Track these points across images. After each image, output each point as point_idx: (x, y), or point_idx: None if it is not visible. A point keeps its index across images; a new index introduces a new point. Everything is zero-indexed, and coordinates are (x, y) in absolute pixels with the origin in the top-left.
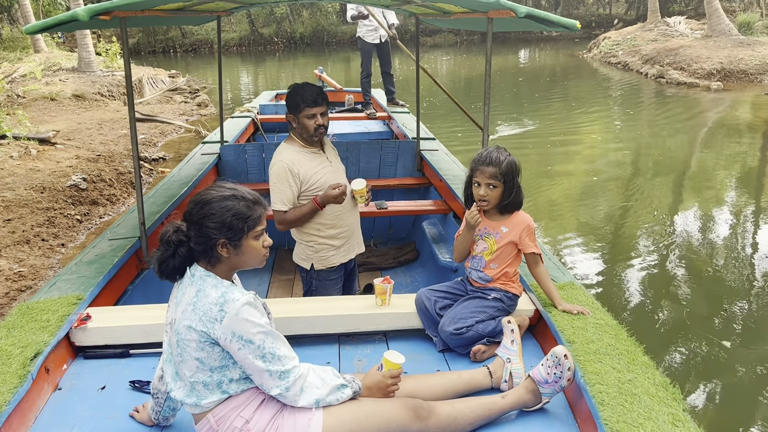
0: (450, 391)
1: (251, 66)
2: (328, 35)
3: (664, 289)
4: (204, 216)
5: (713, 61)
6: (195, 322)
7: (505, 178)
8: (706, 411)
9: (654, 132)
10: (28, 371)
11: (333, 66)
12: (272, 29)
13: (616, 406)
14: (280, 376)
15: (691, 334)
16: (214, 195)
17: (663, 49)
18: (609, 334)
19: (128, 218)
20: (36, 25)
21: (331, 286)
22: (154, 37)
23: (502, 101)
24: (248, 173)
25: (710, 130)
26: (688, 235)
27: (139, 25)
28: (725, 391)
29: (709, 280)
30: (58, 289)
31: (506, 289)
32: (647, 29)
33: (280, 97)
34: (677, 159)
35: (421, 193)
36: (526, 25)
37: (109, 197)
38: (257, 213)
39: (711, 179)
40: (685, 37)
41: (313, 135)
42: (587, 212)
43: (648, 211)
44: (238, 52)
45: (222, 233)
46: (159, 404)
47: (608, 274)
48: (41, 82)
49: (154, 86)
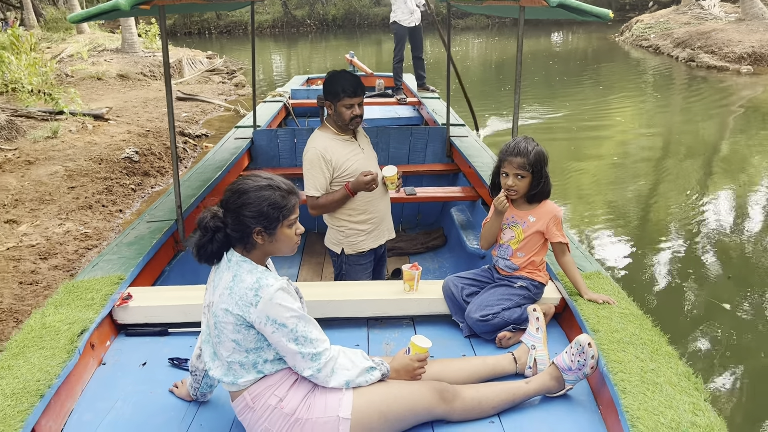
0: (475, 376)
1: (284, 48)
2: (360, 17)
3: (693, 277)
4: (241, 205)
5: (744, 45)
6: (231, 306)
7: (533, 168)
8: (729, 401)
9: (685, 116)
10: (75, 347)
11: (364, 49)
12: (305, 11)
13: (637, 394)
14: (312, 358)
15: (719, 323)
16: (250, 185)
17: (695, 33)
18: (634, 324)
19: (165, 201)
20: (80, 14)
21: (361, 270)
22: (190, 19)
23: (531, 84)
24: (280, 158)
25: (741, 113)
26: (719, 222)
27: (177, 12)
28: (749, 382)
29: (740, 268)
30: (101, 269)
31: (532, 277)
32: (681, 12)
33: (311, 81)
34: (708, 143)
35: (450, 179)
36: (557, 13)
37: (158, 169)
38: (291, 202)
39: (743, 164)
40: (719, 20)
41: (349, 124)
42: (616, 197)
43: (678, 198)
44: (271, 34)
45: (258, 222)
46: (197, 381)
47: (635, 261)
48: (87, 62)
49: (192, 67)
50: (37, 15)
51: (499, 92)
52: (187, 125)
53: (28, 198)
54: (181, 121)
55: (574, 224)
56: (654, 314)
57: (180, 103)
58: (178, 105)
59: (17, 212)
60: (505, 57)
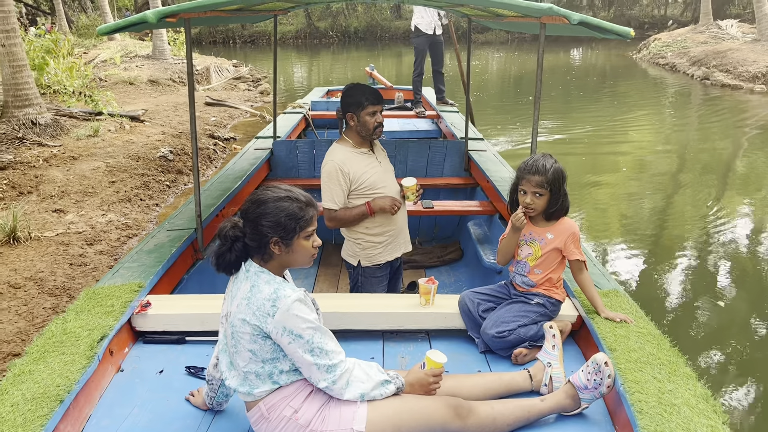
0: (490, 392)
1: (306, 59)
2: (382, 30)
3: (712, 297)
4: (259, 215)
5: (759, 65)
6: (249, 316)
7: (552, 186)
8: (746, 423)
9: (699, 133)
10: (94, 353)
11: (384, 61)
12: (328, 23)
13: (654, 415)
14: (327, 370)
15: (738, 345)
16: (269, 195)
17: (711, 52)
18: (651, 344)
19: (185, 210)
20: (109, 26)
21: (377, 283)
22: (215, 29)
23: (549, 98)
24: (299, 169)
25: (758, 133)
26: (738, 240)
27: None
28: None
29: (759, 288)
30: (121, 276)
31: (549, 294)
32: (698, 31)
33: (331, 93)
34: (724, 160)
35: (468, 193)
36: (578, 31)
37: (191, 168)
38: (309, 214)
39: (761, 181)
40: (736, 40)
41: (373, 133)
42: (633, 214)
43: (696, 216)
44: (294, 45)
45: (275, 232)
46: (213, 390)
47: (653, 279)
48: (120, 67)
49: (219, 74)
50: (68, 22)
51: (516, 105)
52: (216, 128)
53: (73, 190)
54: (210, 125)
55: (590, 240)
56: (672, 334)
57: (208, 108)
58: (207, 110)
59: (63, 203)
60: (524, 71)
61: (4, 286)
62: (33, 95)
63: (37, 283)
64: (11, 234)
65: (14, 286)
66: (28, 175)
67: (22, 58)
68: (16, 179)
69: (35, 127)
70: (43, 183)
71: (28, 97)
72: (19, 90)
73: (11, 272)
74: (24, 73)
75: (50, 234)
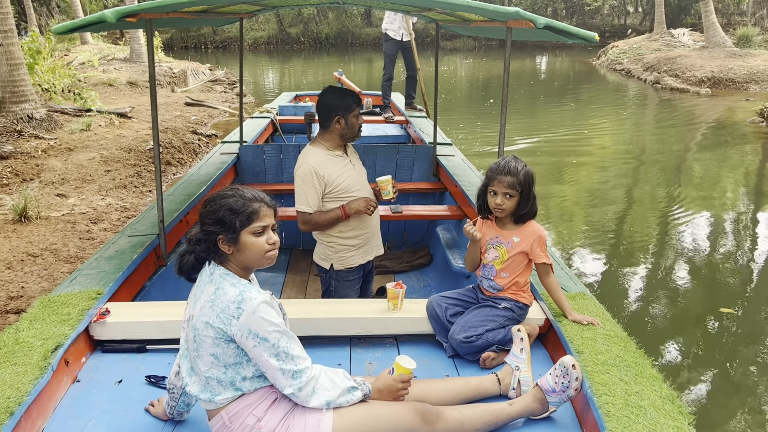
0: (458, 397)
1: (278, 64)
2: (353, 36)
3: (674, 296)
4: (205, 213)
5: (705, 70)
6: (213, 319)
7: (522, 188)
8: (712, 425)
9: (656, 136)
10: (48, 363)
11: (355, 66)
12: (299, 29)
13: (621, 417)
14: (293, 376)
15: (701, 344)
16: (216, 194)
17: (663, 58)
18: (618, 346)
19: (147, 215)
20: (65, 25)
21: (350, 286)
22: (187, 33)
23: (513, 100)
24: (266, 174)
25: (704, 132)
26: (695, 239)
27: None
28: (732, 405)
29: (716, 285)
30: (79, 283)
31: (516, 298)
32: (653, 39)
33: (299, 98)
34: (679, 161)
35: (437, 198)
36: (544, 35)
37: (178, 160)
38: (251, 208)
39: (714, 181)
40: (687, 47)
41: (357, 134)
42: (597, 217)
43: (655, 216)
44: (266, 51)
45: (218, 228)
46: (174, 399)
47: (618, 280)
48: (98, 69)
49: (196, 77)
50: (39, 27)
51: (483, 106)
52: (198, 126)
53: (73, 178)
54: (192, 123)
55: (556, 243)
56: (637, 335)
57: (189, 108)
58: (188, 109)
59: (65, 188)
60: (491, 76)
61: (24, 255)
62: (29, 92)
63: (52, 252)
64: (23, 213)
65: (33, 255)
66: (29, 164)
67: (18, 57)
68: (19, 167)
69: (31, 121)
70: (44, 171)
71: (24, 93)
72: (16, 87)
73: (28, 244)
74: (20, 71)
75: (56, 214)
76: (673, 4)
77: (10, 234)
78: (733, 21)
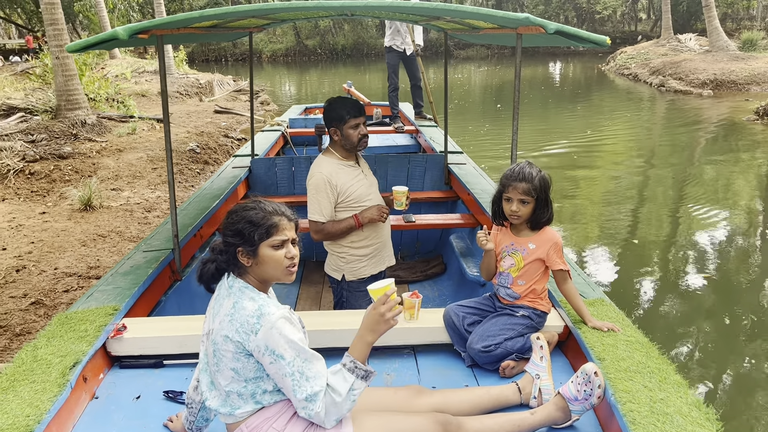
0: (479, 407)
1: (296, 75)
2: (368, 47)
3: (694, 299)
4: (226, 225)
5: (708, 73)
6: (232, 333)
7: (538, 194)
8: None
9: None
10: (67, 380)
11: (371, 76)
12: (316, 41)
13: (647, 425)
14: (306, 399)
15: (727, 350)
16: (238, 206)
17: (668, 62)
18: (640, 352)
19: (162, 230)
20: (78, 43)
21: (362, 297)
22: (208, 47)
23: (522, 105)
24: (278, 186)
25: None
26: (712, 241)
27: (176, 42)
28: (759, 408)
29: (736, 289)
30: (95, 299)
31: (534, 306)
32: (660, 45)
33: (309, 111)
34: (691, 163)
35: (449, 206)
36: (555, 41)
37: (215, 159)
38: (270, 221)
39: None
40: (693, 52)
41: (358, 145)
42: (613, 222)
43: (670, 219)
44: (284, 62)
45: (237, 241)
46: (193, 414)
47: (636, 286)
48: (131, 81)
49: (221, 88)
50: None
51: (494, 110)
52: (228, 131)
53: (125, 174)
54: (222, 128)
55: (572, 248)
56: (658, 340)
57: (217, 115)
58: (216, 117)
59: (118, 183)
60: (504, 82)
61: (94, 235)
62: (82, 100)
63: (117, 234)
64: (88, 202)
65: (101, 236)
66: (86, 162)
67: (72, 69)
68: (78, 166)
69: (85, 126)
70: (100, 169)
71: (77, 101)
72: (70, 95)
73: (96, 227)
74: (74, 81)
75: (115, 204)
76: (683, 10)
77: (80, 220)
78: (742, 26)
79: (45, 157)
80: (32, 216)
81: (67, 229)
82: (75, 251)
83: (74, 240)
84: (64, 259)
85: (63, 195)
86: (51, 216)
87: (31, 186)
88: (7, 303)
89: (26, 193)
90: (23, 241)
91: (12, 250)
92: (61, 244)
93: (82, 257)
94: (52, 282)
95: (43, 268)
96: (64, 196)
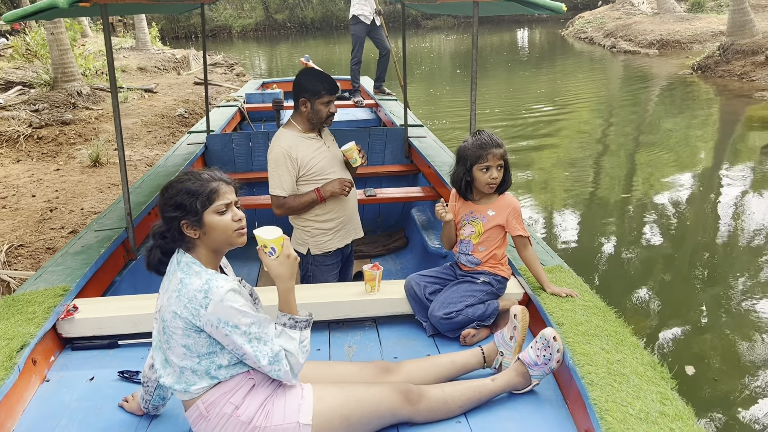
0: (441, 375)
1: (266, 49)
2: (337, 20)
3: (651, 262)
4: (164, 201)
5: (655, 34)
6: (180, 309)
7: (505, 158)
8: (694, 389)
9: (624, 98)
10: (14, 363)
11: (341, 47)
12: (285, 15)
13: (605, 386)
14: (269, 362)
15: (680, 311)
16: (172, 180)
17: (621, 25)
18: (597, 316)
19: (114, 209)
20: (15, 13)
21: (328, 271)
22: (177, 24)
23: (482, 67)
24: (235, 162)
25: (661, 90)
26: (670, 202)
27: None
28: (713, 369)
29: (690, 248)
30: (44, 280)
31: (495, 272)
32: (615, 9)
33: (266, 86)
34: (647, 122)
35: (410, 180)
36: (511, 8)
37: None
38: (210, 188)
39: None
40: (645, 14)
41: (324, 121)
42: (570, 185)
43: (628, 182)
44: (254, 37)
45: (179, 213)
46: (149, 393)
47: (593, 251)
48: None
49: (197, 62)
50: None
51: (454, 73)
52: (209, 99)
53: (123, 136)
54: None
55: (534, 214)
56: (615, 304)
57: (197, 86)
58: (197, 88)
59: None
60: (468, 50)
61: (106, 185)
62: (76, 72)
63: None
64: (96, 159)
65: (114, 185)
66: (87, 127)
67: (66, 44)
68: (80, 130)
69: (81, 96)
70: (100, 132)
71: (72, 73)
72: (65, 68)
73: (107, 179)
74: (68, 55)
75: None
76: None
77: (92, 174)
78: None
79: (50, 123)
80: (48, 172)
81: (82, 181)
82: (94, 196)
83: (91, 188)
84: (86, 201)
85: (71, 155)
86: (65, 172)
87: (41, 149)
88: (49, 233)
89: (38, 155)
90: (47, 190)
91: (40, 197)
92: (81, 191)
93: (101, 200)
94: (81, 218)
95: (71, 209)
96: (72, 156)
